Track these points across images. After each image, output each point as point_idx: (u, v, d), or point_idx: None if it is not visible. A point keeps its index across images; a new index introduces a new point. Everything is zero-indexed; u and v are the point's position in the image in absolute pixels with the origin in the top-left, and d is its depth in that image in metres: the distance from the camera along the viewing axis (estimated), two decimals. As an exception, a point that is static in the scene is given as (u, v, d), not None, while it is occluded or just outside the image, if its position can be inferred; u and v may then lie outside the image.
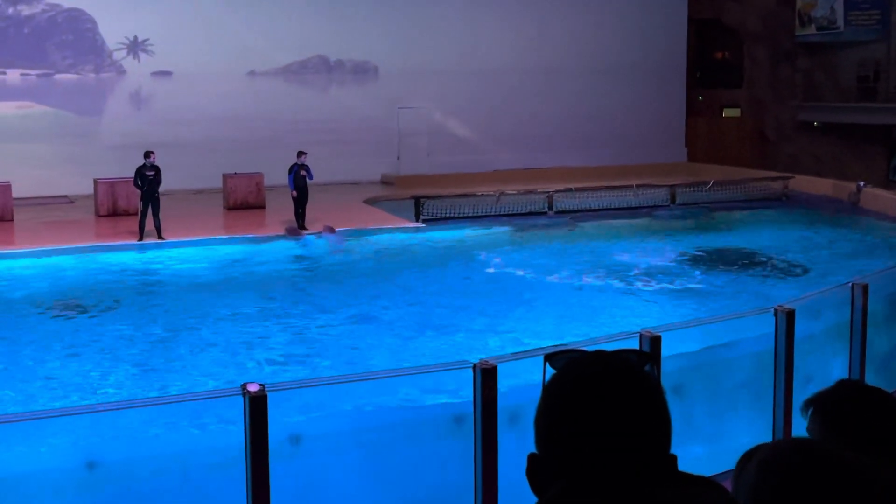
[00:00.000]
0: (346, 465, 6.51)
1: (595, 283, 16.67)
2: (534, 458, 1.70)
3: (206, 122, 26.80)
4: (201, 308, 14.93)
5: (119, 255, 18.49)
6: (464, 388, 6.41)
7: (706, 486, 1.67)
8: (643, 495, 1.62)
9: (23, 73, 26.36)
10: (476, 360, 6.33)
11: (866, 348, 8.40)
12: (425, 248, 19.90)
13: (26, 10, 26.37)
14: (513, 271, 17.50)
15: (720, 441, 7.61)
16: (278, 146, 25.16)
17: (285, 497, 5.91)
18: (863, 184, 24.86)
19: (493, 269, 17.84)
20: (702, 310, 14.34)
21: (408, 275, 17.25)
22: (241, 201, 23.36)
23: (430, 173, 27.84)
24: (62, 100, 26.54)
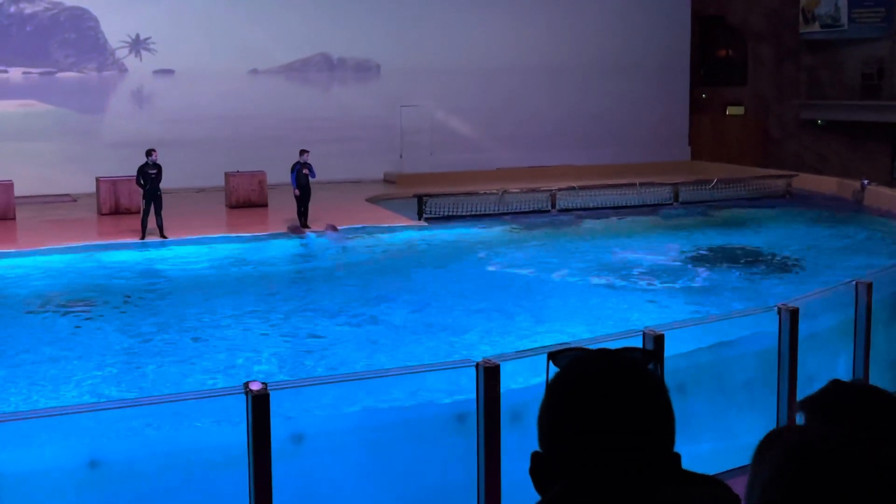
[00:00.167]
0: (348, 464, 6.50)
1: (598, 281, 16.65)
2: (537, 456, 1.70)
3: (209, 120, 26.80)
4: (203, 306, 14.94)
5: (121, 254, 18.50)
6: (466, 386, 6.39)
7: (710, 484, 1.66)
8: (646, 494, 1.61)
9: (25, 72, 26.37)
10: (479, 359, 6.32)
11: (870, 346, 8.38)
12: (428, 246, 19.90)
13: (29, 8, 26.38)
14: (515, 270, 17.49)
15: (724, 439, 7.59)
16: (280, 144, 25.15)
17: (288, 496, 5.90)
18: (867, 182, 24.82)
19: (496, 267, 17.83)
20: (705, 308, 14.33)
21: (410, 273, 17.24)
22: (244, 200, 23.36)
23: (433, 172, 27.82)
24: (64, 98, 26.55)
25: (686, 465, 1.69)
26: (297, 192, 20.37)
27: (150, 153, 19.43)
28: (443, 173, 27.54)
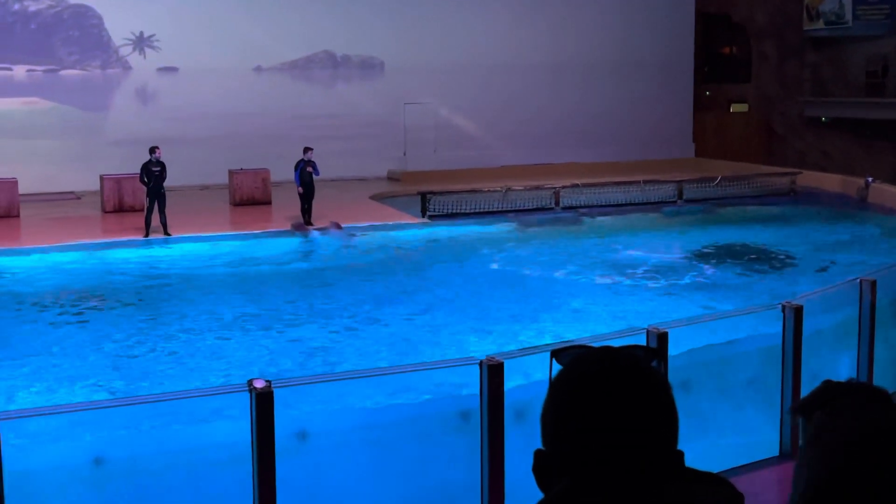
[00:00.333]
0: (352, 461, 6.51)
1: (602, 278, 16.65)
2: (540, 453, 1.69)
3: (212, 117, 26.80)
4: (206, 304, 14.95)
5: (125, 252, 18.51)
6: (470, 384, 6.39)
7: (713, 482, 1.66)
8: (649, 492, 1.61)
9: (29, 69, 26.40)
10: (483, 357, 6.32)
11: (874, 344, 8.37)
12: (431, 244, 19.89)
13: (32, 5, 26.40)
14: (519, 268, 17.48)
15: (728, 437, 7.59)
16: (284, 142, 25.14)
17: (292, 493, 5.91)
18: (871, 179, 24.77)
19: (500, 265, 17.82)
20: (709, 306, 14.31)
21: (414, 271, 17.25)
22: (247, 197, 23.36)
23: (437, 169, 27.79)
24: (68, 96, 26.56)
25: (689, 462, 1.69)
26: (300, 189, 20.36)
27: (153, 150, 19.44)
28: (447, 171, 27.52)
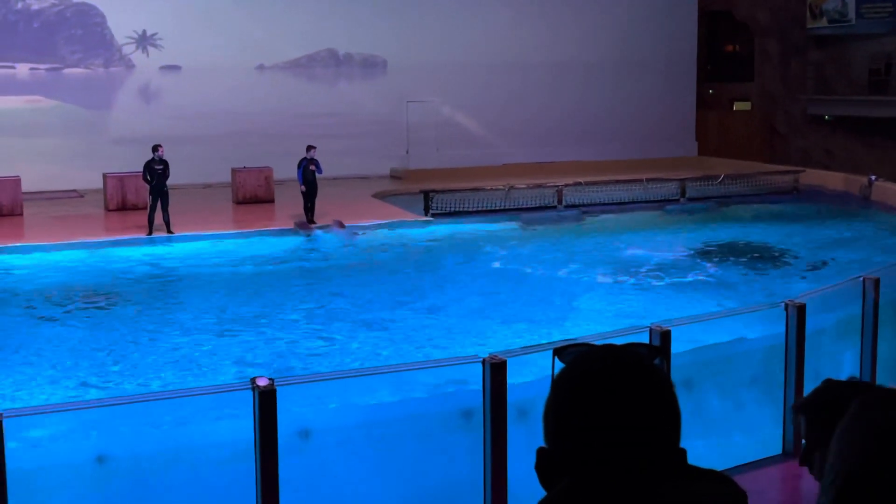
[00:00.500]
0: (355, 459, 6.51)
1: (604, 277, 16.64)
2: (543, 452, 1.69)
3: (215, 116, 26.81)
4: (210, 302, 14.97)
5: (128, 250, 18.52)
6: (473, 382, 6.40)
7: (716, 480, 1.66)
8: (652, 489, 1.61)
9: (32, 68, 26.41)
10: (485, 355, 6.32)
11: (877, 342, 8.36)
12: (434, 242, 19.89)
13: (35, 4, 26.41)
14: (521, 266, 17.47)
15: (731, 435, 7.58)
16: (287, 140, 25.13)
17: (294, 491, 5.91)
18: (874, 177, 24.74)
19: (503, 263, 17.82)
20: (712, 304, 14.31)
21: (416, 269, 17.25)
22: (250, 195, 23.37)
23: (439, 167, 27.78)
24: (71, 94, 26.57)
25: (692, 460, 1.69)
26: (303, 187, 20.36)
27: (156, 149, 19.44)
28: (449, 169, 27.50)
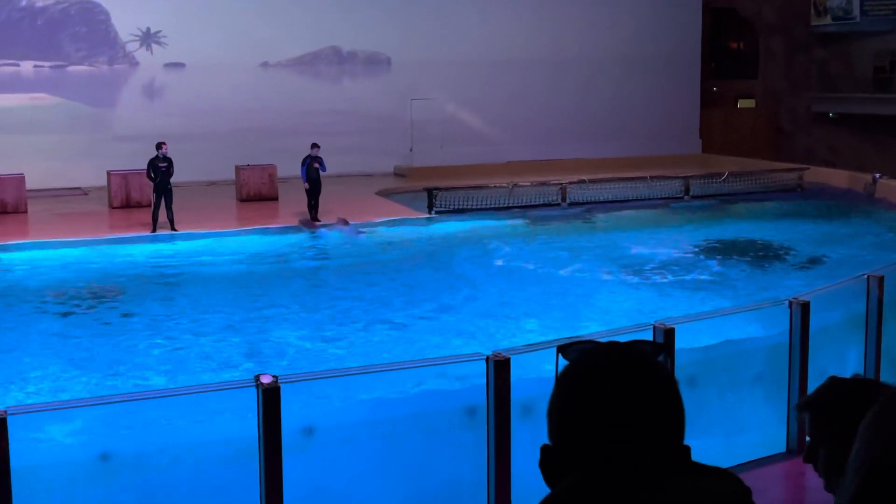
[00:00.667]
0: (359, 457, 6.51)
1: (609, 274, 16.63)
2: (547, 449, 1.69)
3: (219, 113, 26.82)
4: (214, 299, 14.97)
5: (132, 247, 18.52)
6: (476, 380, 6.39)
7: (720, 477, 1.66)
8: (656, 486, 1.61)
9: (36, 65, 26.43)
10: (489, 352, 6.32)
11: (882, 340, 8.35)
12: (438, 239, 19.89)
13: (40, 1, 26.43)
14: (525, 264, 17.46)
15: (734, 433, 7.58)
16: (291, 138, 25.15)
17: (298, 488, 5.91)
18: (878, 175, 24.70)
19: (506, 261, 17.81)
20: (716, 302, 14.29)
21: (420, 267, 17.25)
22: (254, 193, 23.38)
23: (443, 165, 27.78)
24: (75, 92, 26.60)
25: (696, 457, 1.69)
26: (307, 185, 20.37)
27: (160, 146, 19.45)
28: (453, 167, 27.50)
